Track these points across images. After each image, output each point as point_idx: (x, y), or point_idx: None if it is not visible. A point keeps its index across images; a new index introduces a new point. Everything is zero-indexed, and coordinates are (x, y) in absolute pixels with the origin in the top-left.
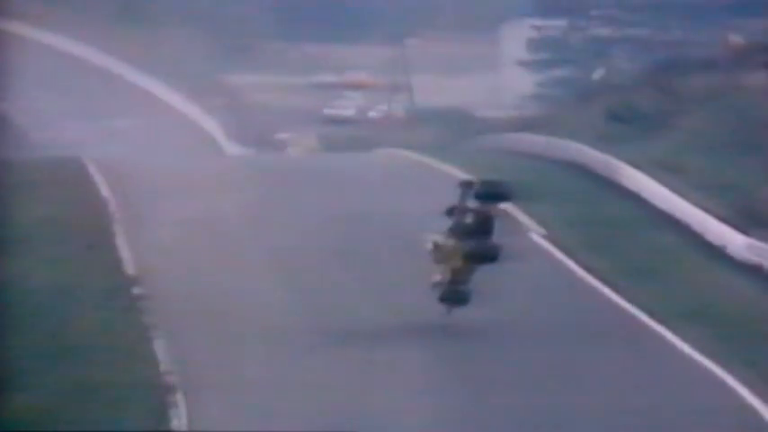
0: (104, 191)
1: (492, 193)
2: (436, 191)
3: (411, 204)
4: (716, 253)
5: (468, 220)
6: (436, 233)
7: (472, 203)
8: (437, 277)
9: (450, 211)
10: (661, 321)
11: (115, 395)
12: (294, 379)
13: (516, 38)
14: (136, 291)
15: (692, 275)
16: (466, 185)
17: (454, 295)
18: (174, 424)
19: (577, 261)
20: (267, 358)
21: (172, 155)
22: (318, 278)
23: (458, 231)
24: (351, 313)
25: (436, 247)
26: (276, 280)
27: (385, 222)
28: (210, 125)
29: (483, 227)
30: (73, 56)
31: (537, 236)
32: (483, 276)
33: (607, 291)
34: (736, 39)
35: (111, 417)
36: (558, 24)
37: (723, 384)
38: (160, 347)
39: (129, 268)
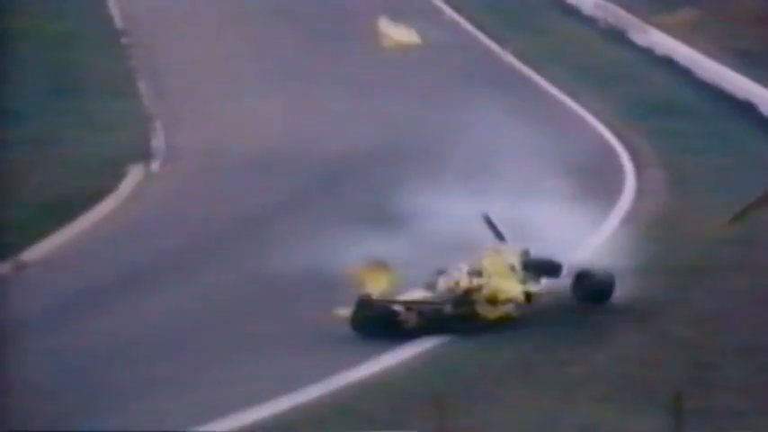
0: None
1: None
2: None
3: None
4: (572, 10)
5: None
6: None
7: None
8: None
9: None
10: (531, 65)
11: (107, 123)
12: (257, 109)
13: None
14: (124, 40)
15: (552, 28)
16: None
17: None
18: (154, 145)
19: (467, 18)
20: (230, 95)
21: None
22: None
23: None
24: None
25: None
26: (239, 35)
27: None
28: None
29: None
30: None
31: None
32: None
33: (492, 44)
34: None
35: (103, 140)
36: None
37: (581, 117)
38: (143, 86)
39: (119, 23)
